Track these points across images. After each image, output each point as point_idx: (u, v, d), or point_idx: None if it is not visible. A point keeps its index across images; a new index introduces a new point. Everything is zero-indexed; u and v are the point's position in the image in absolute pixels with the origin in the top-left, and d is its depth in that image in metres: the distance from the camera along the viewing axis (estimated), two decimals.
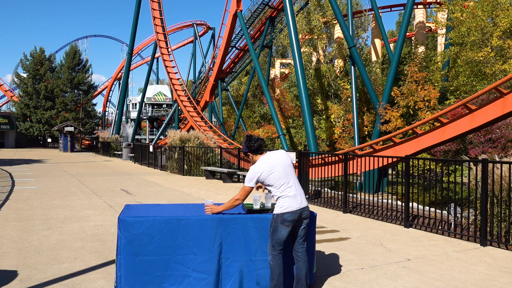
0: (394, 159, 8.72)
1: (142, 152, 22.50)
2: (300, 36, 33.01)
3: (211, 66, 41.76)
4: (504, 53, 19.40)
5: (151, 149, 20.62)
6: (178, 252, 3.69)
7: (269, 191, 3.76)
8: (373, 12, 32.15)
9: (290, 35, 21.38)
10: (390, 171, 17.25)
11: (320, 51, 35.24)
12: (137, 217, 3.66)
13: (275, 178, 3.63)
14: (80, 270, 4.48)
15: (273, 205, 4.11)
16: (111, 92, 71.00)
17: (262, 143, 3.77)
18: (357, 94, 25.48)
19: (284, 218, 3.59)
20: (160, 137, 42.93)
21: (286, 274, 3.82)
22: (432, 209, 8.05)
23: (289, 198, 3.62)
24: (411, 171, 7.29)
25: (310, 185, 9.93)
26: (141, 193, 10.62)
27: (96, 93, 62.04)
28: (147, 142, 49.86)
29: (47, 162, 22.38)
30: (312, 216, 3.97)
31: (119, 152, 28.64)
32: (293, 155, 10.18)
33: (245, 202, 4.30)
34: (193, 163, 16.56)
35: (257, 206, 3.98)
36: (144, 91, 43.23)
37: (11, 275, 4.28)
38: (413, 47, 31.01)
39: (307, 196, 9.42)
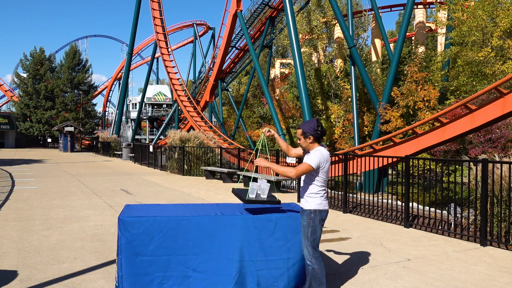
0: (394, 159, 8.72)
1: (142, 152, 22.49)
2: (300, 36, 33.01)
3: (211, 66, 41.76)
4: (504, 53, 19.41)
5: (151, 149, 20.62)
6: (178, 253, 3.68)
7: (304, 183, 3.59)
8: (373, 12, 32.17)
9: (290, 35, 21.38)
10: (390, 171, 17.25)
11: (320, 51, 35.25)
12: (137, 217, 3.65)
13: (325, 173, 3.58)
14: (80, 270, 4.48)
15: (269, 196, 3.92)
16: (111, 92, 71.09)
17: (324, 134, 3.63)
18: (357, 94, 25.49)
19: (322, 217, 3.56)
20: (160, 137, 42.93)
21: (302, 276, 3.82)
22: (432, 209, 8.05)
23: (325, 197, 3.62)
24: (411, 171, 7.29)
25: None
26: (141, 193, 10.62)
27: (96, 93, 62.02)
28: (147, 142, 49.85)
29: (47, 162, 22.38)
30: None
31: (119, 152, 28.63)
32: None
33: (236, 186, 4.20)
34: (193, 163, 16.56)
35: (252, 196, 3.87)
36: (144, 91, 43.22)
37: (11, 275, 4.28)
38: (413, 47, 31.00)
39: None
